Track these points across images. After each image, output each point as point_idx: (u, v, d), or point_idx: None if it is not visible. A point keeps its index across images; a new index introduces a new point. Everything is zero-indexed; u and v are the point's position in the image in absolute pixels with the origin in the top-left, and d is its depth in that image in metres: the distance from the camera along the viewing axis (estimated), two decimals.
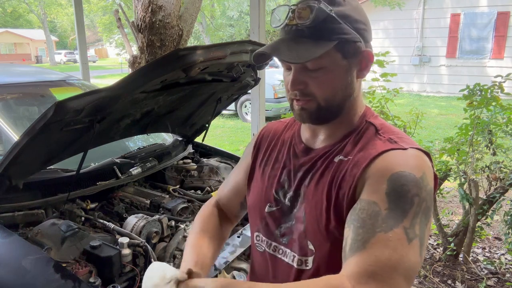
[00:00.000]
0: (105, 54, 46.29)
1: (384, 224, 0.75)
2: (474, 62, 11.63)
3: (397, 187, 0.77)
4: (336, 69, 0.85)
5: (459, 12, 11.68)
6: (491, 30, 11.27)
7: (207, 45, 1.56)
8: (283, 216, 0.95)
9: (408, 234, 0.74)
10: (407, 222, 0.75)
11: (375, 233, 0.74)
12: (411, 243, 0.74)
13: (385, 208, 0.76)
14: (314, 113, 0.88)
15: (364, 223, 0.76)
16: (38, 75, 2.98)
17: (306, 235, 0.89)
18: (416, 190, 0.77)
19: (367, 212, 0.77)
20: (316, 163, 0.92)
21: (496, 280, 2.75)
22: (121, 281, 1.49)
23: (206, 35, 17.85)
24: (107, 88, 1.45)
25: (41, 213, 1.72)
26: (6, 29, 36.44)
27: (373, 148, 0.84)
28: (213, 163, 2.53)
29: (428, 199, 0.79)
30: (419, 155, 0.83)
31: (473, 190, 2.72)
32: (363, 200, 0.79)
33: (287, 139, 1.04)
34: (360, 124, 0.92)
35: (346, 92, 0.88)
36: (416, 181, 0.77)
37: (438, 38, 12.13)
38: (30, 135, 1.41)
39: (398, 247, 0.73)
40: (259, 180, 1.04)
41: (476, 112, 2.79)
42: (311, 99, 0.87)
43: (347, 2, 0.85)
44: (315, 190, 0.89)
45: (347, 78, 0.87)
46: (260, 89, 3.23)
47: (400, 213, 0.75)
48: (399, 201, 0.76)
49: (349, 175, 0.84)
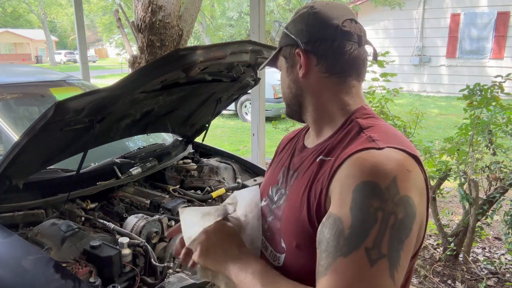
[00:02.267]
0: (105, 54, 46.28)
1: (344, 247, 0.69)
2: (474, 62, 11.63)
3: (360, 201, 0.71)
4: (282, 71, 0.99)
5: (459, 12, 11.67)
6: (491, 30, 11.27)
7: (207, 45, 1.56)
8: (269, 211, 0.97)
9: (371, 255, 0.68)
10: (369, 242, 0.68)
11: (336, 258, 0.70)
12: (374, 266, 0.67)
13: (348, 226, 0.70)
14: (286, 109, 1.02)
15: (327, 245, 0.72)
16: (38, 75, 2.98)
17: (280, 232, 0.90)
18: (379, 203, 0.70)
19: (331, 231, 0.73)
20: (303, 163, 0.93)
21: (496, 280, 2.75)
22: (121, 281, 1.49)
23: (206, 35, 17.84)
24: (107, 88, 1.45)
25: (41, 213, 1.72)
26: (6, 29, 36.45)
27: (349, 148, 0.81)
28: (213, 163, 2.53)
29: (399, 211, 0.70)
30: (395, 157, 0.75)
31: (473, 190, 2.72)
32: (331, 216, 0.75)
33: (293, 141, 1.08)
34: (347, 122, 0.89)
35: (292, 90, 0.96)
36: (379, 192, 0.71)
37: (438, 38, 12.13)
38: (30, 135, 1.41)
39: (358, 271, 0.68)
40: (265, 179, 1.10)
41: (476, 112, 2.79)
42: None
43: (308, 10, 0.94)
44: (295, 189, 0.90)
45: (291, 79, 0.96)
46: (260, 89, 3.24)
47: (361, 232, 0.69)
48: (362, 217, 0.70)
49: (322, 178, 0.82)
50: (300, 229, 0.84)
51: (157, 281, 1.55)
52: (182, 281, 1.44)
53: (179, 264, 1.69)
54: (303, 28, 0.92)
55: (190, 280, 1.44)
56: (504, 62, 11.13)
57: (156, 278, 1.59)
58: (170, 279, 1.46)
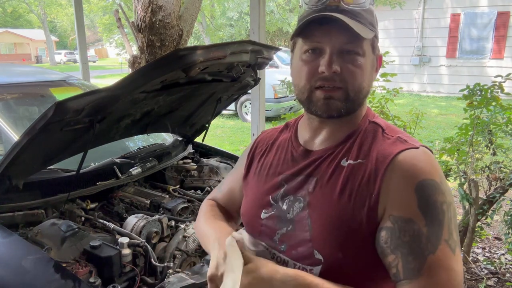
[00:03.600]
0: (105, 54, 46.27)
1: (429, 244, 0.74)
2: (474, 62, 11.62)
3: (427, 198, 0.76)
4: (368, 60, 0.85)
5: (459, 12, 11.67)
6: (491, 30, 11.26)
7: (207, 45, 1.56)
8: (279, 221, 0.89)
9: (450, 245, 0.75)
10: (445, 233, 0.76)
11: (425, 257, 0.74)
12: (455, 254, 0.76)
13: (424, 224, 0.75)
14: (341, 103, 0.83)
15: (410, 248, 0.75)
16: (38, 75, 2.98)
17: (312, 244, 0.83)
18: (442, 197, 0.77)
19: (409, 233, 0.76)
20: (320, 167, 0.87)
21: (496, 280, 2.75)
22: (121, 281, 1.49)
23: (206, 35, 17.84)
24: (107, 88, 1.45)
25: (41, 213, 1.72)
26: (6, 29, 36.44)
27: (385, 150, 0.81)
28: (213, 163, 2.53)
29: (452, 200, 0.79)
30: (430, 154, 0.83)
31: (473, 190, 2.72)
32: (398, 219, 0.77)
33: (283, 144, 0.99)
34: (363, 124, 0.89)
35: (368, 88, 0.87)
36: (439, 187, 0.77)
37: (438, 38, 12.12)
38: (30, 135, 1.41)
39: (449, 263, 0.74)
40: (254, 187, 0.99)
41: (476, 112, 2.78)
42: (341, 88, 0.83)
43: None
44: (323, 196, 0.84)
45: (372, 73, 0.87)
46: (260, 89, 3.23)
47: (437, 227, 0.75)
48: (433, 213, 0.76)
49: (366, 181, 0.80)
50: (348, 237, 0.80)
51: (157, 281, 1.55)
52: (182, 281, 1.43)
53: (179, 264, 1.69)
54: (376, 28, 0.87)
55: (190, 280, 1.44)
56: (504, 62, 11.13)
57: (156, 278, 1.59)
58: (170, 279, 1.46)
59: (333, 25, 0.80)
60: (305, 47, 0.86)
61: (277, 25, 17.70)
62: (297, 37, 0.87)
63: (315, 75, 0.83)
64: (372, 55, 0.87)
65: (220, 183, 1.20)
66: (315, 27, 0.82)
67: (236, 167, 1.14)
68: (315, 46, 0.84)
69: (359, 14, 0.82)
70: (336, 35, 0.81)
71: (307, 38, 0.85)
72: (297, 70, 0.88)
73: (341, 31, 0.80)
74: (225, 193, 1.14)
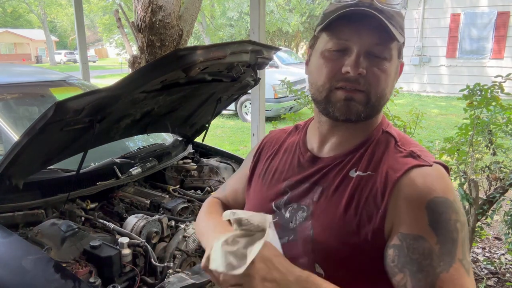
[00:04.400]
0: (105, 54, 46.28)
1: (441, 262, 0.69)
2: (474, 62, 11.62)
3: (438, 215, 0.71)
4: (393, 65, 0.80)
5: (459, 12, 11.67)
6: (491, 30, 11.26)
7: (207, 45, 1.56)
8: (282, 230, 0.85)
9: (465, 265, 0.70)
10: (459, 253, 0.70)
11: (437, 275, 0.68)
12: (469, 275, 0.70)
13: (435, 242, 0.70)
14: (362, 107, 0.78)
15: (420, 265, 0.70)
16: (38, 75, 2.98)
17: (314, 256, 0.79)
18: (455, 215, 0.72)
19: (419, 251, 0.70)
20: (327, 176, 0.83)
21: (496, 280, 2.75)
22: (121, 281, 1.49)
23: (206, 35, 17.84)
24: (107, 88, 1.45)
25: (41, 213, 1.72)
26: (6, 29, 36.44)
27: (396, 164, 0.77)
28: (213, 163, 2.53)
29: (466, 222, 0.75)
30: (444, 173, 0.78)
31: (473, 190, 2.72)
32: (407, 236, 0.72)
33: (290, 148, 0.95)
34: (376, 133, 0.84)
35: (389, 95, 0.82)
36: (452, 206, 0.73)
37: (438, 38, 12.12)
38: (30, 135, 1.41)
39: (463, 283, 0.68)
40: (257, 191, 0.95)
41: (476, 112, 2.78)
42: (363, 91, 0.78)
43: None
44: (328, 207, 0.80)
45: (394, 80, 0.83)
46: (260, 89, 3.23)
47: (451, 245, 0.70)
48: (446, 232, 0.71)
49: (374, 195, 0.76)
50: (352, 253, 0.76)
51: (157, 281, 1.55)
52: (182, 281, 1.43)
53: (179, 264, 1.69)
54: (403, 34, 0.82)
55: (190, 280, 1.44)
56: (504, 62, 11.13)
57: (156, 278, 1.59)
58: (170, 279, 1.46)
59: (364, 24, 0.75)
60: (330, 44, 0.79)
61: (277, 25, 17.70)
62: (322, 32, 0.81)
63: (338, 74, 0.78)
64: (397, 60, 0.82)
65: (224, 183, 1.17)
66: (344, 24, 0.77)
67: (241, 167, 1.10)
68: (343, 44, 0.78)
69: (391, 16, 0.77)
70: (366, 35, 0.76)
71: (334, 34, 0.79)
72: (316, 67, 0.82)
73: (373, 31, 0.75)
74: (229, 194, 1.10)
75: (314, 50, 0.85)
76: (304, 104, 3.68)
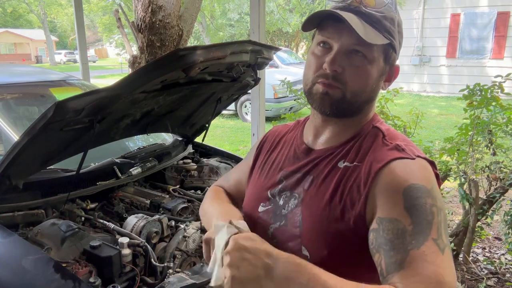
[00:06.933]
0: (105, 54, 46.26)
1: (413, 241, 0.72)
2: (474, 62, 11.62)
3: (414, 199, 0.75)
4: (375, 67, 0.84)
5: (459, 12, 11.67)
6: (491, 30, 11.27)
7: (207, 45, 1.56)
8: (274, 216, 0.92)
9: (439, 244, 0.72)
10: (434, 233, 0.73)
11: (408, 251, 0.72)
12: (444, 253, 0.72)
13: (409, 223, 0.73)
14: (336, 102, 0.85)
15: (393, 244, 0.73)
16: (38, 75, 2.98)
17: (301, 240, 0.86)
18: (431, 200, 0.76)
19: (393, 231, 0.74)
20: (318, 166, 0.89)
21: (496, 280, 2.75)
22: (121, 281, 1.49)
23: (206, 35, 17.84)
24: (107, 88, 1.45)
25: (41, 213, 1.72)
26: (6, 29, 36.44)
27: (381, 156, 0.82)
28: (213, 163, 2.53)
29: (443, 208, 0.77)
30: (426, 166, 0.82)
31: (473, 190, 2.72)
32: (383, 220, 0.76)
33: (289, 140, 1.02)
34: (366, 128, 0.90)
35: (371, 94, 0.87)
36: (429, 192, 0.76)
37: (438, 38, 12.12)
38: (30, 135, 1.41)
39: (435, 260, 0.70)
40: (255, 181, 1.02)
41: (476, 112, 2.78)
42: (340, 88, 0.84)
43: (398, 14, 0.88)
44: (316, 195, 0.86)
45: (378, 81, 0.87)
46: (260, 89, 3.23)
47: (425, 225, 0.73)
48: (420, 214, 0.74)
49: (358, 184, 0.81)
50: (335, 238, 0.81)
51: (157, 281, 1.55)
52: (182, 281, 1.43)
53: (179, 264, 1.69)
54: (401, 41, 0.89)
55: (190, 280, 1.44)
56: (504, 62, 11.13)
57: (156, 278, 1.59)
58: (170, 279, 1.46)
59: (346, 25, 0.80)
60: (318, 41, 0.87)
61: (277, 25, 17.69)
62: (317, 31, 0.89)
63: (320, 70, 0.85)
64: (383, 64, 0.86)
65: (227, 173, 1.23)
66: (331, 23, 0.84)
67: (245, 158, 1.16)
68: (325, 40, 0.85)
69: (377, 20, 0.82)
70: (346, 35, 0.82)
71: (321, 33, 0.87)
72: (307, 62, 0.90)
73: (353, 32, 0.80)
74: (233, 183, 1.16)
75: (310, 47, 0.93)
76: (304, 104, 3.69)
